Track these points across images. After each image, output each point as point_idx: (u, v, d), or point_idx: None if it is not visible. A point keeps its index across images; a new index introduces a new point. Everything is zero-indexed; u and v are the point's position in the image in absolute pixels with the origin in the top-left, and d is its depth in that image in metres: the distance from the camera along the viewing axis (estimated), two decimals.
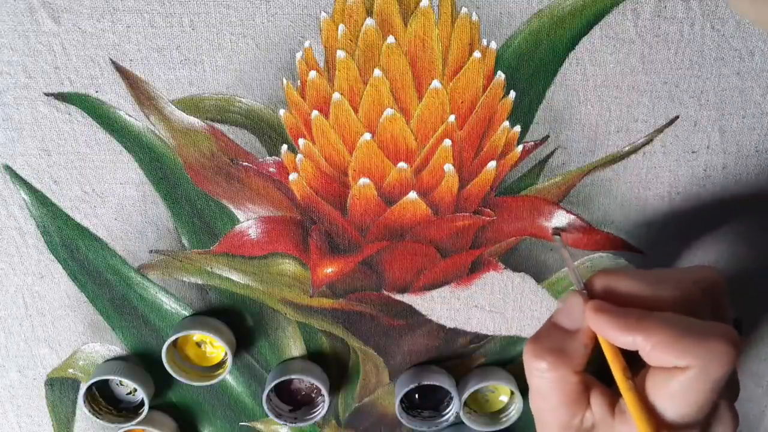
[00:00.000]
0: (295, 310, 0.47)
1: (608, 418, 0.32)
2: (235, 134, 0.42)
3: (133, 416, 0.48)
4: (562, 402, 0.32)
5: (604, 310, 0.31)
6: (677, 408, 0.30)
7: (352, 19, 0.39)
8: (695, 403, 0.29)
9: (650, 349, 0.30)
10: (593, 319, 0.32)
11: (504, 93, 0.41)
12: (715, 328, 0.30)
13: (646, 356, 0.30)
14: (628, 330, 0.30)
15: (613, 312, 0.31)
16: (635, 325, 0.30)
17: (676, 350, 0.29)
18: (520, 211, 0.44)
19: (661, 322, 0.30)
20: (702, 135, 0.43)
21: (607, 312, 0.31)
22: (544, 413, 0.33)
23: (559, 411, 0.32)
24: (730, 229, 0.46)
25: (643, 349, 0.30)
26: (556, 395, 0.32)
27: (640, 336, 0.30)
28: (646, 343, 0.30)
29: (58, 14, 0.39)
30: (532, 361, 0.32)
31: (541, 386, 0.33)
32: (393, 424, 0.51)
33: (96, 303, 0.46)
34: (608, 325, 0.31)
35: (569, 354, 0.32)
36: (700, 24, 0.40)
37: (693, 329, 0.30)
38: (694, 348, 0.29)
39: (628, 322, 0.30)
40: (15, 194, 0.43)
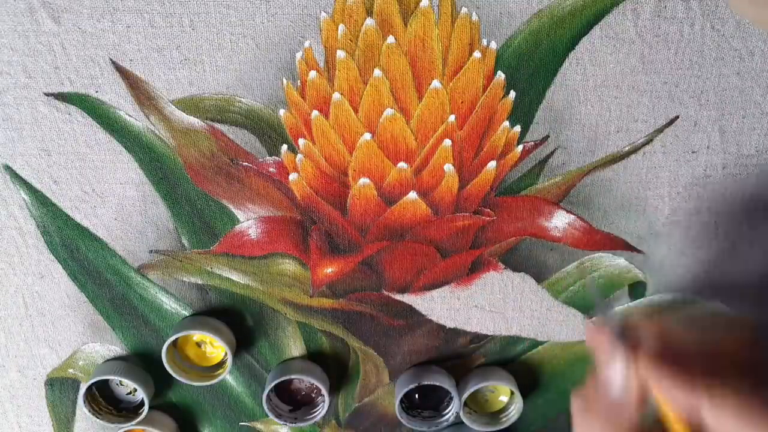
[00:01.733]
0: (295, 310, 0.47)
1: None
2: (235, 134, 0.42)
3: (133, 416, 0.48)
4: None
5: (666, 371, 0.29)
6: None
7: (352, 19, 0.39)
8: None
9: (715, 422, 0.27)
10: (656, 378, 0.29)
11: (504, 93, 0.41)
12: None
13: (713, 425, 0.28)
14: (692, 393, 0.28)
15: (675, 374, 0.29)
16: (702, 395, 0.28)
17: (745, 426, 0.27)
18: (520, 211, 0.44)
19: (727, 399, 0.27)
20: (702, 135, 0.43)
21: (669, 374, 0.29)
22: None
23: None
24: (730, 229, 0.46)
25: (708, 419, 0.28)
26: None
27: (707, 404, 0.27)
28: (711, 418, 0.27)
29: (58, 14, 0.39)
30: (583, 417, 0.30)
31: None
32: (393, 424, 0.51)
33: (96, 303, 0.46)
34: (672, 387, 0.28)
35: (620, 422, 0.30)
36: (700, 24, 0.40)
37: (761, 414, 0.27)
38: None
39: (694, 385, 0.28)
40: (15, 194, 0.43)
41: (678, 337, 0.31)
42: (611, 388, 0.31)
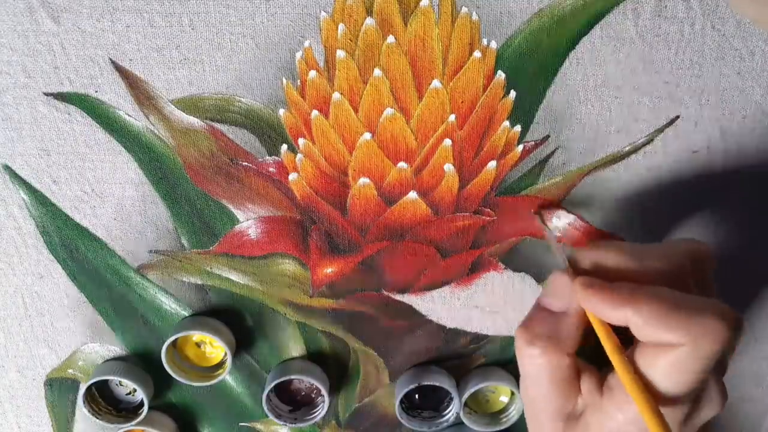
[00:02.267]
0: (295, 310, 0.47)
1: (596, 398, 0.31)
2: (235, 134, 0.42)
3: (132, 416, 0.48)
4: (555, 387, 0.32)
5: (594, 285, 0.31)
6: (667, 384, 0.29)
7: (352, 18, 0.39)
8: (685, 380, 0.29)
9: (642, 324, 0.29)
10: (583, 296, 0.31)
11: (504, 93, 0.41)
12: (709, 305, 0.29)
13: (637, 332, 0.29)
14: (619, 305, 0.29)
15: (603, 287, 0.30)
16: (627, 300, 0.29)
17: (668, 326, 0.28)
18: (520, 211, 0.44)
19: (652, 297, 0.29)
20: (702, 135, 0.43)
21: (597, 288, 0.30)
22: (537, 401, 0.33)
23: (552, 396, 0.32)
24: (731, 229, 0.46)
25: (635, 324, 0.29)
26: (549, 381, 0.31)
27: (630, 311, 0.29)
28: (637, 318, 0.29)
29: (58, 14, 0.39)
30: (523, 348, 0.32)
31: (533, 372, 0.32)
32: (393, 424, 0.51)
33: (96, 303, 0.46)
34: (598, 301, 0.30)
35: (560, 337, 0.31)
36: (700, 24, 0.40)
37: (685, 304, 0.29)
38: (685, 324, 0.28)
39: (619, 297, 0.29)
40: (14, 194, 0.43)
41: (613, 259, 0.32)
42: (554, 301, 0.32)
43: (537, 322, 0.32)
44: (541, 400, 0.32)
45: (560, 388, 0.32)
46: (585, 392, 0.32)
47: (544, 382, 0.32)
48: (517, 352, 0.32)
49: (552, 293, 0.33)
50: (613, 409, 0.30)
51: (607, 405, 0.31)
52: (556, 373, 0.31)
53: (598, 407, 0.31)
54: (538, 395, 0.32)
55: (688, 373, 0.29)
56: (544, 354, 0.31)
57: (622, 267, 0.31)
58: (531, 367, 0.32)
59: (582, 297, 0.31)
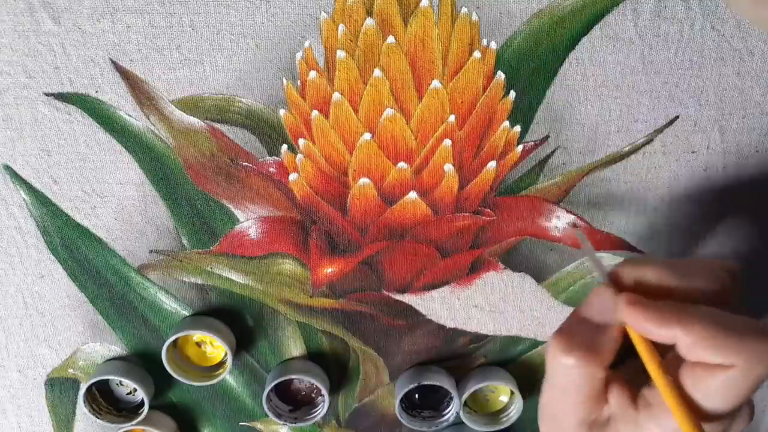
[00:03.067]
0: (295, 310, 0.47)
1: (630, 411, 0.31)
2: (235, 134, 0.42)
3: (133, 416, 0.48)
4: (584, 398, 0.31)
5: (640, 303, 0.30)
6: (714, 403, 0.29)
7: (352, 19, 0.39)
8: (733, 400, 0.29)
9: (690, 344, 0.28)
10: (628, 313, 0.30)
11: (504, 93, 0.41)
12: (758, 326, 0.29)
13: (686, 351, 0.29)
14: (666, 324, 0.29)
15: (649, 305, 0.30)
16: (675, 319, 0.29)
17: (722, 348, 0.28)
18: (520, 211, 0.44)
19: (702, 317, 0.29)
20: (702, 135, 0.43)
21: (643, 305, 0.30)
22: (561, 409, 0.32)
23: (579, 407, 0.31)
24: (730, 229, 0.46)
25: (684, 344, 0.29)
26: (580, 392, 0.31)
27: (680, 330, 0.28)
28: (687, 338, 0.28)
29: (58, 14, 0.39)
30: (560, 356, 0.30)
31: (564, 382, 0.31)
32: (393, 424, 0.51)
33: (96, 303, 0.46)
34: (644, 318, 0.29)
35: (599, 350, 0.30)
36: (700, 24, 0.40)
37: (738, 327, 0.28)
38: (740, 347, 0.28)
39: (667, 316, 0.29)
40: (15, 194, 0.43)
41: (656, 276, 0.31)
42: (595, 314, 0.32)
43: (575, 331, 0.31)
44: (567, 409, 0.32)
45: (589, 399, 0.31)
46: (614, 402, 0.31)
47: (574, 392, 0.31)
48: (550, 359, 0.31)
49: (594, 305, 0.32)
50: (650, 424, 0.30)
51: (643, 419, 0.30)
52: (588, 384, 0.31)
53: (632, 420, 0.30)
54: (564, 404, 0.32)
55: (737, 393, 0.28)
56: (580, 365, 0.30)
57: (665, 284, 0.31)
58: (563, 377, 0.31)
59: (626, 313, 0.30)
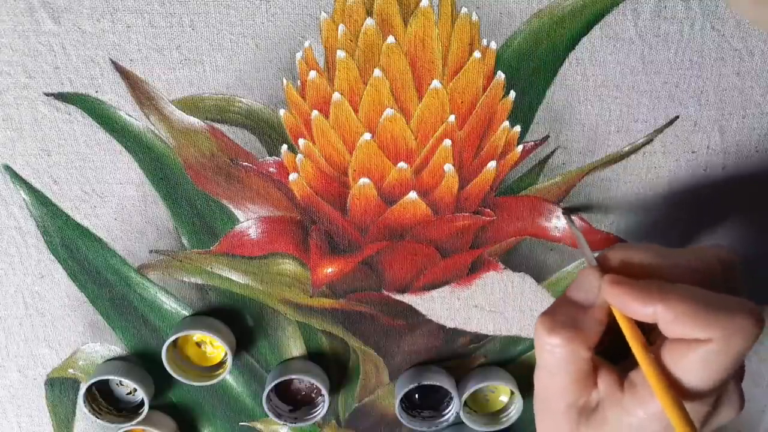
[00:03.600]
0: (295, 310, 0.47)
1: (617, 393, 0.31)
2: (235, 134, 0.42)
3: (133, 416, 0.48)
4: (571, 380, 0.31)
5: (621, 282, 0.31)
6: (694, 380, 0.29)
7: (352, 19, 0.39)
8: (713, 377, 0.29)
9: (671, 320, 0.29)
10: (610, 292, 0.31)
11: (504, 93, 0.41)
12: (738, 303, 0.29)
13: (666, 328, 0.29)
14: (648, 301, 0.29)
15: (631, 284, 0.30)
16: (656, 296, 0.29)
17: (700, 322, 0.28)
18: (520, 211, 0.44)
19: (683, 293, 0.29)
20: (702, 135, 0.43)
21: (626, 284, 0.30)
22: (550, 392, 0.32)
23: (568, 390, 0.32)
24: (730, 229, 0.46)
25: (664, 320, 0.29)
26: (567, 372, 0.31)
27: (661, 306, 0.29)
28: (667, 313, 0.29)
29: (58, 14, 0.39)
30: (545, 336, 0.31)
31: (551, 362, 0.31)
32: (393, 424, 0.51)
33: (96, 303, 0.46)
34: (627, 296, 0.30)
35: (584, 329, 0.31)
36: (700, 24, 0.40)
37: (716, 302, 0.29)
38: (717, 321, 0.28)
39: (649, 293, 0.29)
40: (15, 194, 0.43)
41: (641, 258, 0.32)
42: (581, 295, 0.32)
43: (560, 312, 0.32)
44: (556, 391, 0.32)
45: (577, 380, 0.31)
46: (602, 387, 0.32)
47: (561, 373, 0.31)
48: (537, 340, 0.32)
49: (580, 287, 0.33)
50: (635, 405, 0.30)
51: (628, 401, 0.30)
52: (573, 365, 0.31)
53: (617, 402, 0.31)
54: (553, 386, 0.32)
55: (717, 369, 0.29)
56: (565, 344, 0.31)
57: (650, 264, 0.32)
58: (550, 356, 0.31)
59: (609, 293, 0.31)
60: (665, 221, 0.45)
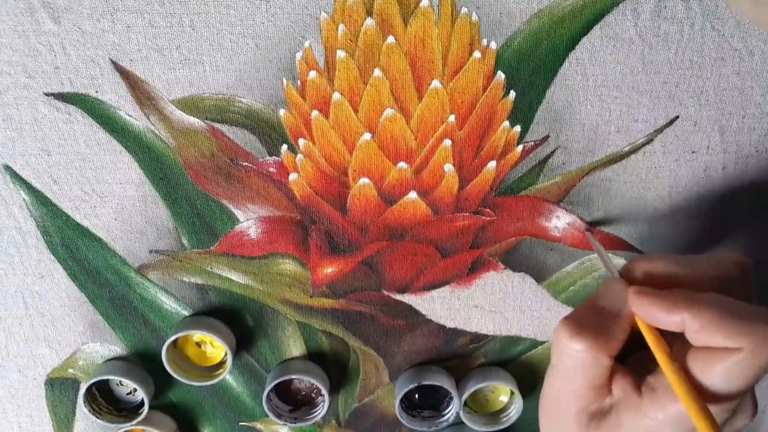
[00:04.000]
0: (295, 310, 0.47)
1: (633, 398, 0.31)
2: (235, 134, 0.42)
3: (133, 416, 0.48)
4: (588, 386, 0.31)
5: (648, 292, 0.31)
6: (719, 386, 0.29)
7: (352, 19, 0.39)
8: (738, 384, 0.29)
9: (698, 328, 0.29)
10: (637, 302, 0.31)
11: (504, 93, 0.41)
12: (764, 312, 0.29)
13: (693, 336, 0.29)
14: (675, 310, 0.29)
15: (657, 293, 0.31)
16: (683, 305, 0.29)
17: (728, 331, 0.28)
18: (520, 211, 0.44)
19: (710, 302, 0.29)
20: (702, 135, 0.43)
21: (652, 294, 0.31)
22: (563, 395, 0.32)
23: (582, 395, 0.31)
24: (730, 229, 0.46)
25: (691, 329, 0.29)
26: (585, 378, 0.31)
27: (688, 315, 0.29)
28: (694, 322, 0.29)
29: (58, 14, 0.39)
30: (568, 340, 0.31)
31: (570, 366, 0.31)
32: (393, 424, 0.51)
33: (96, 303, 0.46)
34: (653, 306, 0.30)
35: (608, 337, 0.31)
36: (700, 24, 0.40)
37: (743, 311, 0.29)
38: (746, 330, 0.28)
39: (675, 303, 0.30)
40: (15, 194, 0.43)
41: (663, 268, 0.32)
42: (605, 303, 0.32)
43: (585, 317, 0.32)
44: (570, 395, 0.32)
45: (594, 387, 0.31)
46: (617, 392, 0.31)
47: (579, 378, 0.31)
48: (557, 343, 0.31)
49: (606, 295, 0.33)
50: (654, 409, 0.30)
51: (647, 405, 0.30)
52: (594, 371, 0.31)
53: (635, 406, 0.31)
54: (567, 390, 0.32)
55: (743, 377, 0.29)
56: (588, 350, 0.30)
57: (672, 274, 0.32)
58: (570, 360, 0.31)
59: (636, 303, 0.31)
60: (665, 221, 0.45)
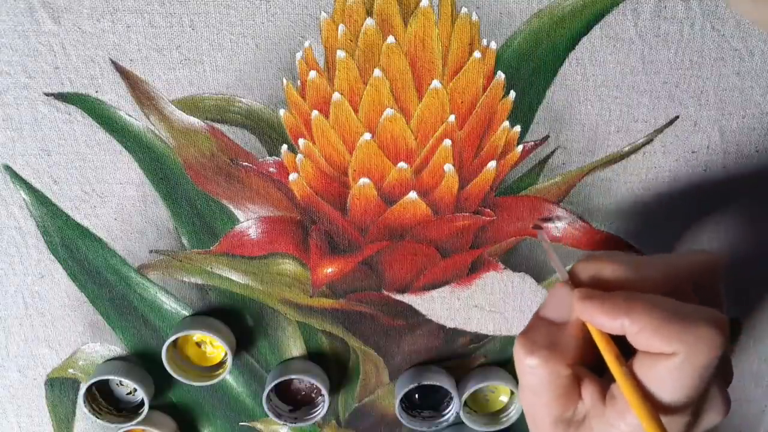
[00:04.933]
0: (295, 310, 0.47)
1: (599, 406, 0.31)
2: (235, 134, 0.42)
3: (133, 416, 0.48)
4: (554, 396, 0.31)
5: (591, 296, 0.31)
6: (666, 392, 0.29)
7: (352, 19, 0.39)
8: (683, 389, 0.29)
9: (637, 332, 0.29)
10: (581, 307, 0.31)
11: (504, 93, 0.41)
12: (702, 313, 0.29)
13: (633, 340, 0.29)
14: (615, 314, 0.29)
15: (598, 298, 0.30)
16: (622, 309, 0.29)
17: (662, 335, 0.28)
18: (520, 211, 0.44)
19: (647, 305, 0.29)
20: (702, 135, 0.43)
21: (594, 298, 0.30)
22: (536, 408, 0.32)
23: (552, 406, 0.32)
24: (730, 229, 0.46)
25: (630, 333, 0.29)
26: (549, 390, 0.31)
27: (627, 319, 0.29)
28: (632, 326, 0.29)
29: (58, 14, 0.39)
30: (523, 358, 0.31)
31: (532, 382, 0.32)
32: (393, 424, 0.51)
33: (96, 303, 0.46)
34: (595, 310, 0.30)
35: (561, 347, 0.31)
36: (700, 24, 0.40)
37: (680, 313, 0.29)
38: (679, 334, 0.28)
39: (615, 306, 0.30)
40: (15, 194, 0.43)
41: (611, 271, 0.32)
42: (555, 313, 0.33)
43: (537, 332, 0.32)
44: (541, 408, 0.32)
45: (559, 397, 0.32)
46: (587, 399, 0.32)
47: (544, 391, 0.32)
48: (517, 362, 0.32)
49: (552, 305, 0.33)
50: (616, 418, 0.30)
51: (609, 414, 0.31)
52: (555, 382, 0.31)
53: (600, 416, 0.31)
54: (537, 403, 0.32)
55: (686, 381, 0.29)
56: (543, 364, 0.31)
57: (619, 277, 0.32)
58: (530, 377, 0.32)
59: (580, 308, 0.31)
60: (665, 221, 0.45)
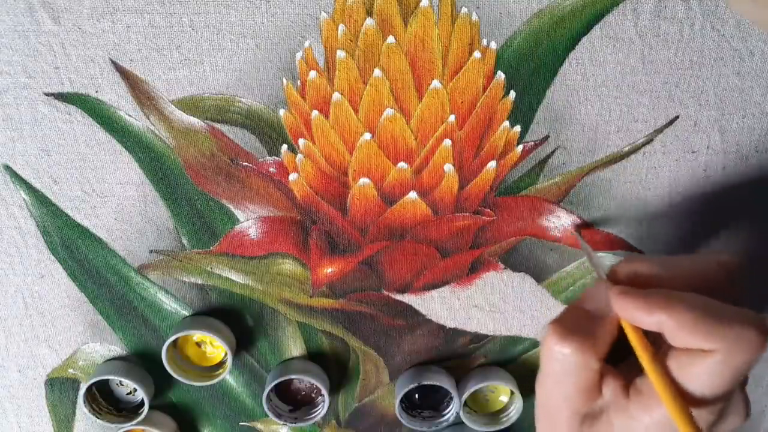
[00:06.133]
0: (295, 310, 0.47)
1: (621, 400, 0.31)
2: (235, 134, 0.42)
3: (133, 416, 0.48)
4: (578, 389, 0.31)
5: (629, 292, 0.31)
6: (699, 389, 0.29)
7: (352, 19, 0.39)
8: (718, 386, 0.29)
9: (675, 329, 0.29)
10: (618, 303, 0.31)
11: (504, 93, 0.41)
12: (743, 314, 0.29)
13: (671, 337, 0.29)
14: (654, 310, 0.29)
15: (637, 294, 0.31)
16: (661, 306, 0.29)
17: (703, 333, 0.28)
18: (520, 211, 0.44)
19: (688, 303, 0.29)
20: (702, 135, 0.43)
21: (632, 294, 0.31)
22: (554, 399, 0.32)
23: (574, 398, 0.31)
24: (730, 229, 0.46)
25: (668, 330, 0.29)
26: (574, 381, 0.31)
27: (665, 315, 0.29)
28: (671, 323, 0.29)
29: (58, 14, 0.39)
30: (556, 344, 0.31)
31: (558, 370, 0.31)
32: (393, 424, 0.51)
33: (96, 303, 0.46)
34: (633, 307, 0.30)
35: (596, 339, 0.31)
36: (700, 24, 0.40)
37: (721, 312, 0.29)
38: (721, 332, 0.28)
39: (655, 302, 0.30)
40: (15, 194, 0.43)
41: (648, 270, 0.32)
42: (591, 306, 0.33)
43: (573, 320, 0.32)
44: (561, 398, 0.32)
45: (583, 390, 0.31)
46: (608, 394, 0.31)
47: (569, 382, 0.31)
48: (546, 347, 0.32)
49: (591, 298, 0.33)
50: (641, 412, 0.30)
51: (634, 407, 0.31)
52: (582, 374, 0.31)
53: (623, 409, 0.31)
54: (557, 394, 0.32)
55: (722, 379, 0.29)
56: (576, 353, 0.31)
57: (657, 275, 0.32)
58: (558, 364, 0.31)
59: (618, 304, 0.31)
60: (665, 221, 0.45)
